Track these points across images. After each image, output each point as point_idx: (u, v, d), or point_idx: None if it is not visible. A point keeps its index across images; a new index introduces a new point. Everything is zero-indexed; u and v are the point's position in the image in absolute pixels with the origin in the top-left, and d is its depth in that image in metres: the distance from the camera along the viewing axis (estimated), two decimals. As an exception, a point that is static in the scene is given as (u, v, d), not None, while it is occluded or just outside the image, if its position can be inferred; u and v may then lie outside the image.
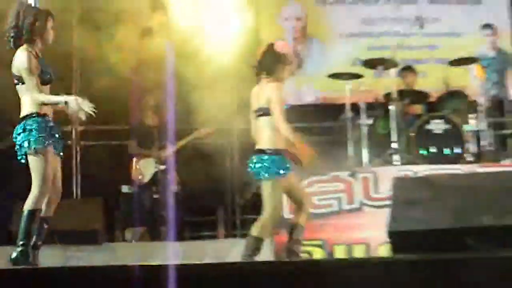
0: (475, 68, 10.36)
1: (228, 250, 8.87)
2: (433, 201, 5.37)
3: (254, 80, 7.19)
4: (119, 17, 9.93)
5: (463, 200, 5.33)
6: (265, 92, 7.02)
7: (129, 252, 8.86)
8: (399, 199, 5.56)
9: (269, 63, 7.10)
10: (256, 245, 7.01)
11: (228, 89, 9.26)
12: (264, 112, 7.00)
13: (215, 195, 10.83)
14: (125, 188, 9.82)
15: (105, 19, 10.07)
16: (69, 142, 10.21)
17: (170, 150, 9.70)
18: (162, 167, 9.66)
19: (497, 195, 5.36)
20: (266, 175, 6.93)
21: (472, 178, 6.43)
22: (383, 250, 7.91)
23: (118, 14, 10.04)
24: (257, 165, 6.97)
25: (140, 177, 9.64)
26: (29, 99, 6.09)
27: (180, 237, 9.53)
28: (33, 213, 6.11)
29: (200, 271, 5.49)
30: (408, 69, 10.57)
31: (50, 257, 7.12)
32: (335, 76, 10.33)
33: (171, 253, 8.75)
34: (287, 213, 8.27)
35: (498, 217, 5.18)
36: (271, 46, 7.18)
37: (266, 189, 7.00)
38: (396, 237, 5.34)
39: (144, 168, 9.67)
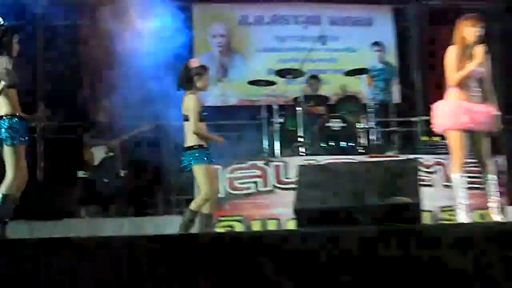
0: (366, 78, 10.51)
1: (166, 225, 8.87)
2: (330, 184, 5.47)
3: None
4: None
5: (355, 184, 5.44)
6: (186, 102, 7.20)
7: (83, 226, 8.77)
8: (303, 182, 5.64)
9: (186, 78, 7.25)
10: (192, 217, 7.09)
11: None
12: (186, 118, 7.19)
13: (155, 179, 10.78)
14: (80, 173, 9.73)
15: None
16: (35, 135, 10.09)
17: (117, 141, 9.72)
18: (111, 154, 9.62)
19: (382, 179, 5.48)
20: (196, 164, 7.07)
21: (362, 166, 6.54)
22: (291, 224, 7.94)
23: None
24: (187, 160, 7.15)
25: (91, 161, 9.62)
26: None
27: (125, 214, 9.52)
28: (6, 196, 6.09)
29: (141, 241, 5.49)
30: (313, 78, 10.64)
31: (17, 230, 7.02)
32: (253, 83, 10.35)
33: (118, 226, 8.73)
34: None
35: (382, 198, 5.30)
36: (185, 65, 7.34)
37: (199, 174, 7.13)
38: (301, 214, 5.43)
39: (95, 154, 9.63)
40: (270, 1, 12.09)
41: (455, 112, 6.61)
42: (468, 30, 6.70)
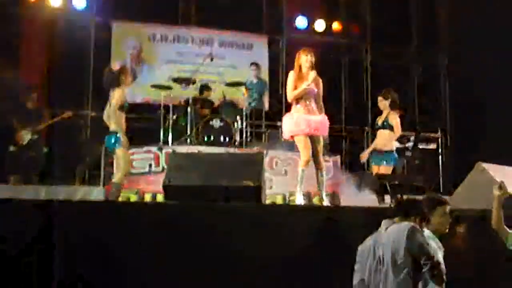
0: (243, 89, 10.54)
1: (79, 193, 8.66)
2: (193, 168, 5.47)
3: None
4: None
5: (212, 169, 5.45)
6: (113, 95, 6.97)
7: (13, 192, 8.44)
8: (172, 165, 5.62)
9: (111, 79, 7.05)
10: (118, 187, 6.98)
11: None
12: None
13: (75, 156, 10.55)
14: (11, 148, 9.41)
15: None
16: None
17: (42, 126, 9.42)
18: (36, 136, 9.31)
19: (234, 166, 5.51)
20: (119, 146, 6.86)
21: (220, 156, 6.56)
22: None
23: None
24: (111, 141, 6.89)
25: (20, 141, 9.28)
26: None
27: (47, 183, 9.23)
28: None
29: (57, 206, 5.39)
30: (204, 86, 10.59)
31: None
32: (155, 86, 10.32)
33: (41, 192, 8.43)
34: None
35: (233, 180, 5.33)
36: (108, 68, 7.18)
37: (120, 154, 6.94)
38: (168, 189, 5.40)
39: (24, 136, 9.29)
40: (174, 24, 12.00)
41: (297, 122, 6.79)
42: (303, 58, 6.91)
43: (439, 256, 4.11)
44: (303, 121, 6.78)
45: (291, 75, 6.97)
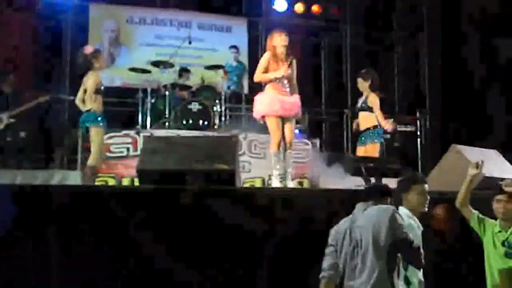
0: (221, 72, 10.48)
1: (56, 178, 8.58)
2: (167, 151, 5.42)
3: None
4: None
5: (186, 152, 5.41)
6: (87, 79, 6.96)
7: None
8: (146, 150, 5.58)
9: (83, 62, 6.99)
10: (93, 170, 7.02)
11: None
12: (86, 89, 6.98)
13: (53, 141, 10.45)
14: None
15: None
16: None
17: (19, 110, 9.27)
18: (12, 120, 9.16)
19: (208, 150, 5.47)
20: (95, 123, 6.86)
21: (195, 139, 6.49)
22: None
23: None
24: (89, 118, 6.89)
25: (-3, 126, 9.15)
26: None
27: (24, 167, 9.12)
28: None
29: (34, 189, 5.36)
30: (184, 70, 10.52)
31: None
32: (134, 70, 10.24)
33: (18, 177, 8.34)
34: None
35: (207, 164, 5.30)
36: (80, 51, 7.11)
37: (94, 132, 6.90)
38: (142, 174, 5.37)
39: (0, 120, 9.14)
40: (152, 6, 11.93)
41: (271, 102, 6.77)
42: (277, 39, 6.89)
43: (418, 236, 4.13)
44: (277, 101, 6.76)
45: (265, 56, 6.96)
